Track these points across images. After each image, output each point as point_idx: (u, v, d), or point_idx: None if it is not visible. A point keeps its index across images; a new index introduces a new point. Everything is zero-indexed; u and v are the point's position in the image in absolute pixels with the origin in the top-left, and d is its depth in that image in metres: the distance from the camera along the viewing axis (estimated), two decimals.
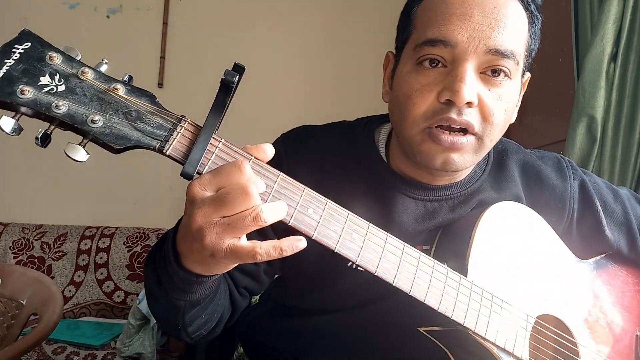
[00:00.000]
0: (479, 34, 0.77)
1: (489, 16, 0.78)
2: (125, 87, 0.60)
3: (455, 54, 0.78)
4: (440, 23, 0.79)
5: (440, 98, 0.79)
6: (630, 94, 1.78)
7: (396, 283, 0.73)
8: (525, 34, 0.83)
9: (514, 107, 0.86)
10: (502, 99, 0.81)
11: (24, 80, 0.56)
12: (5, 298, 1.67)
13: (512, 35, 0.79)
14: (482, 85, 0.80)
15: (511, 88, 0.82)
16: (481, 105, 0.80)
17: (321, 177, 0.91)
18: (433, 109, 0.80)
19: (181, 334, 0.84)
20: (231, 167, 0.59)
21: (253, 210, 0.59)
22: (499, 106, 0.81)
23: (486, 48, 0.77)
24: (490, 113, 0.80)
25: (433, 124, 0.80)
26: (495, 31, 0.78)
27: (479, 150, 0.83)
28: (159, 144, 0.60)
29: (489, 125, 0.81)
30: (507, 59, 0.79)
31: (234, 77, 0.60)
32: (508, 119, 0.85)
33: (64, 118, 0.56)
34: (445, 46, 0.78)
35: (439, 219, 0.93)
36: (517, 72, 0.82)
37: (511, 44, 0.79)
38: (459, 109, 0.78)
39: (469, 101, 0.77)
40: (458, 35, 0.78)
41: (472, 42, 0.77)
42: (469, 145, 0.81)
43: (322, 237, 0.67)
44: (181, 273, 0.69)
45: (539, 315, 0.89)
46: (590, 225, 1.02)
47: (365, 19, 3.34)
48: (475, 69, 0.79)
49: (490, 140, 0.83)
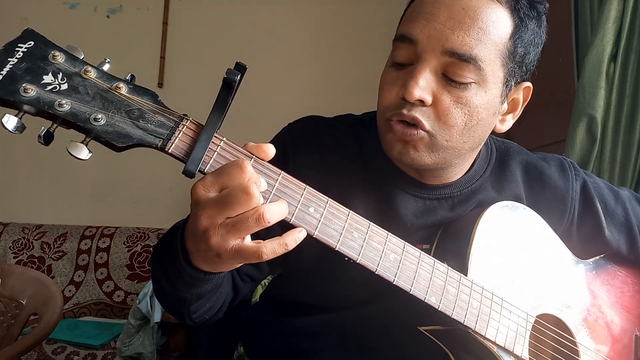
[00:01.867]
0: (439, 34, 0.77)
1: (454, 18, 0.77)
2: (128, 86, 0.61)
3: (417, 51, 0.80)
4: (409, 21, 0.81)
5: (399, 93, 0.81)
6: (630, 94, 1.78)
7: (397, 282, 0.73)
8: (503, 39, 0.79)
9: (485, 114, 0.83)
10: (463, 102, 0.80)
11: (27, 79, 0.56)
12: (5, 298, 1.67)
13: (475, 39, 0.77)
14: (441, 86, 0.80)
15: (478, 93, 0.80)
16: (436, 105, 0.80)
17: (325, 167, 0.92)
18: (393, 104, 0.82)
19: (185, 319, 0.86)
20: (233, 166, 0.59)
21: (256, 211, 0.59)
22: (456, 109, 0.80)
23: (443, 49, 0.77)
24: (444, 114, 0.80)
25: (391, 117, 0.82)
26: (455, 33, 0.77)
27: (435, 148, 0.83)
28: (161, 142, 0.60)
29: (443, 125, 0.80)
30: (465, 62, 0.77)
31: (235, 76, 0.60)
32: (474, 124, 0.82)
33: (66, 116, 0.56)
34: (409, 43, 0.80)
35: (438, 217, 0.93)
36: (489, 78, 0.80)
37: (472, 47, 0.77)
38: (411, 105, 0.79)
39: (419, 99, 0.78)
40: (420, 34, 0.79)
41: (431, 42, 0.78)
42: (419, 140, 0.81)
43: (323, 235, 0.67)
44: (189, 270, 0.70)
45: (538, 314, 0.89)
46: (590, 226, 1.02)
47: (365, 18, 3.34)
48: (433, 68, 0.79)
49: (445, 140, 0.82)
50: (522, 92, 0.90)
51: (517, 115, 0.92)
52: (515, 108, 0.91)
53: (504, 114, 0.90)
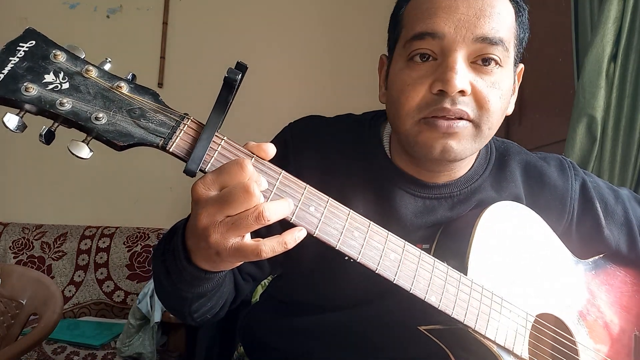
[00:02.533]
0: (466, 24, 0.78)
1: (474, 6, 0.79)
2: (129, 85, 0.61)
3: (443, 45, 0.79)
4: (427, 17, 0.81)
5: (433, 89, 0.80)
6: (630, 94, 1.78)
7: (397, 281, 0.73)
8: (513, 23, 0.83)
9: (509, 96, 0.86)
10: (496, 86, 0.81)
11: (28, 78, 0.56)
12: (5, 298, 1.67)
13: (498, 23, 0.80)
14: (474, 74, 0.81)
15: (504, 76, 0.83)
16: (475, 93, 0.80)
17: (325, 167, 0.93)
18: (426, 101, 0.81)
19: (187, 319, 0.86)
20: (233, 165, 0.60)
21: (255, 209, 0.60)
22: (493, 93, 0.81)
23: (474, 36, 0.79)
24: (485, 100, 0.80)
25: (428, 115, 0.81)
26: (482, 20, 0.79)
27: (477, 137, 0.83)
28: (162, 141, 0.60)
29: (486, 112, 0.81)
30: (496, 46, 0.80)
31: (236, 75, 0.61)
32: (504, 107, 0.85)
33: (68, 115, 0.57)
34: (434, 38, 0.80)
35: (437, 217, 0.93)
36: (509, 60, 0.83)
37: (499, 31, 0.80)
38: (452, 98, 0.79)
39: (462, 89, 0.78)
40: (445, 27, 0.79)
41: (460, 32, 0.78)
42: (465, 130, 0.81)
43: (323, 234, 0.67)
44: (190, 269, 0.70)
45: (538, 314, 0.89)
46: (589, 225, 1.02)
47: (364, 16, 3.34)
48: (465, 58, 0.80)
49: (488, 127, 0.83)
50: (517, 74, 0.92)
51: (516, 96, 0.94)
52: (515, 90, 0.93)
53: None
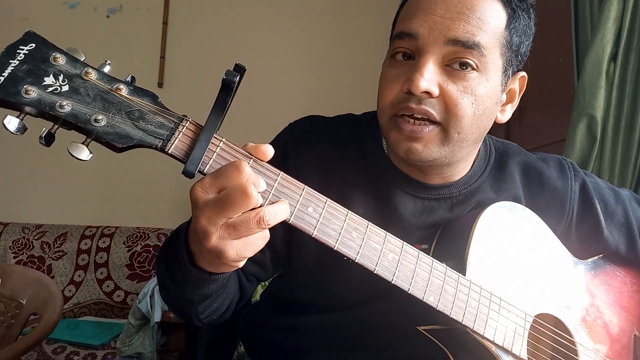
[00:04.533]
0: (439, 26, 0.79)
1: (452, 9, 0.79)
2: (128, 87, 0.61)
3: (418, 45, 0.80)
4: (407, 17, 0.83)
5: (403, 88, 0.81)
6: (630, 94, 1.78)
7: (395, 281, 0.73)
8: (499, 28, 0.82)
9: (489, 103, 0.84)
10: (469, 91, 0.81)
11: (28, 81, 0.56)
12: (5, 298, 1.67)
13: (476, 27, 0.79)
14: (446, 77, 0.80)
15: (481, 81, 0.81)
16: (443, 96, 0.80)
17: (325, 167, 0.93)
18: (397, 99, 0.82)
19: (193, 320, 0.87)
20: (231, 168, 0.60)
21: (257, 214, 0.60)
22: (464, 98, 0.80)
23: (446, 39, 0.79)
24: (453, 103, 0.80)
25: (397, 112, 0.82)
26: (457, 22, 0.79)
27: (446, 142, 0.83)
28: (161, 142, 0.61)
29: (453, 117, 0.81)
30: (470, 50, 0.79)
31: (235, 77, 0.61)
32: (480, 114, 0.83)
33: (67, 117, 0.57)
34: (410, 38, 0.81)
35: (436, 217, 0.93)
36: (489, 66, 0.82)
37: (474, 35, 0.79)
38: (419, 99, 0.79)
39: (426, 90, 0.78)
40: (420, 28, 0.80)
41: (433, 34, 0.79)
42: (431, 134, 0.82)
43: (322, 235, 0.68)
44: (194, 271, 0.71)
45: (537, 314, 0.89)
46: (589, 226, 1.02)
47: (365, 18, 3.34)
48: (436, 60, 0.80)
49: (457, 132, 0.82)
50: (518, 82, 0.92)
51: (515, 105, 0.94)
52: (513, 98, 0.93)
53: (503, 104, 0.91)
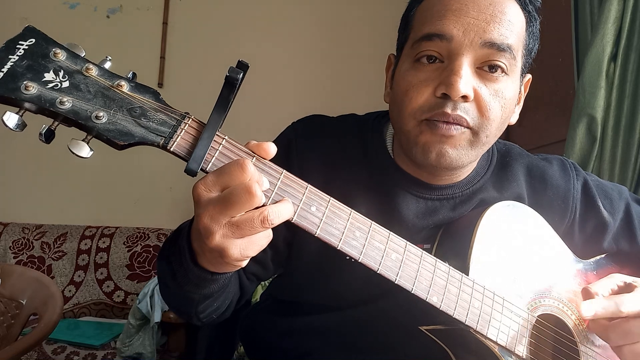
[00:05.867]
0: (475, 28, 0.78)
1: (485, 12, 0.78)
2: (129, 84, 0.60)
3: (451, 48, 0.79)
4: (436, 19, 0.80)
5: (437, 92, 0.79)
6: (630, 94, 1.78)
7: (398, 281, 0.73)
8: (523, 32, 0.83)
9: (512, 106, 0.85)
10: (499, 94, 0.81)
11: (28, 76, 0.56)
12: (5, 298, 1.67)
13: (508, 29, 0.79)
14: (479, 80, 0.80)
15: (509, 84, 0.82)
16: (477, 100, 0.80)
17: (328, 166, 0.93)
18: (429, 104, 0.80)
19: (193, 319, 0.86)
20: (234, 166, 0.59)
21: (261, 214, 0.60)
22: (495, 102, 0.80)
23: (482, 41, 0.78)
24: (486, 108, 0.80)
25: (430, 117, 0.80)
26: (491, 25, 0.78)
27: (475, 145, 0.83)
28: (163, 140, 0.60)
29: (485, 120, 0.80)
30: (503, 52, 0.79)
31: (238, 74, 0.60)
32: (506, 117, 0.84)
33: (68, 114, 0.56)
34: (442, 40, 0.79)
35: (439, 217, 0.93)
36: (515, 69, 0.82)
37: (507, 38, 0.79)
38: (454, 103, 0.78)
39: (464, 94, 0.77)
40: (453, 29, 0.78)
41: (468, 36, 0.78)
42: (462, 136, 0.81)
43: (325, 234, 0.67)
44: (196, 271, 0.70)
45: (539, 314, 0.89)
46: (593, 225, 1.02)
47: (367, 17, 3.34)
48: (471, 63, 0.79)
49: (486, 136, 0.82)
50: (524, 84, 0.92)
51: (521, 106, 0.93)
52: (520, 100, 0.92)
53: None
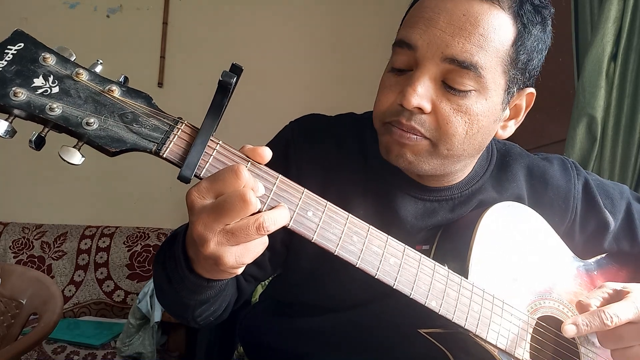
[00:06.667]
0: (439, 41, 0.75)
1: (454, 24, 0.75)
2: (121, 89, 0.59)
3: (415, 57, 0.78)
4: (409, 25, 0.80)
5: (397, 100, 0.79)
6: (630, 94, 1.78)
7: (397, 286, 0.72)
8: (504, 46, 0.78)
9: (486, 121, 0.81)
10: (463, 110, 0.78)
11: (17, 82, 0.55)
12: (5, 298, 1.67)
13: (476, 45, 0.75)
14: (440, 94, 0.78)
15: (478, 100, 0.78)
16: (436, 113, 0.78)
17: (326, 166, 0.92)
18: (390, 110, 0.81)
19: (190, 323, 0.86)
20: (228, 172, 0.58)
21: (256, 220, 0.59)
22: (457, 117, 0.78)
23: (443, 56, 0.75)
24: (445, 122, 0.78)
25: (390, 122, 0.81)
26: (456, 39, 0.75)
27: (436, 155, 0.81)
28: (156, 146, 0.59)
29: (444, 134, 0.79)
30: (466, 70, 0.75)
31: (231, 78, 0.59)
32: (474, 132, 0.81)
33: (58, 121, 0.55)
34: (409, 49, 0.78)
35: (438, 219, 0.93)
36: (488, 86, 0.78)
37: (473, 55, 0.75)
38: (410, 113, 0.78)
39: (417, 107, 0.76)
40: (419, 40, 0.77)
41: (431, 49, 0.76)
42: (419, 145, 0.80)
43: (322, 240, 0.66)
44: (192, 278, 0.69)
45: (539, 316, 0.89)
46: (594, 225, 1.02)
47: (366, 19, 3.33)
48: (432, 76, 0.77)
49: (447, 149, 0.80)
50: (525, 98, 0.88)
51: (520, 121, 0.91)
52: (518, 114, 0.89)
53: (506, 120, 0.88)
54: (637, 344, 0.82)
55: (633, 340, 0.82)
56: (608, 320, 0.80)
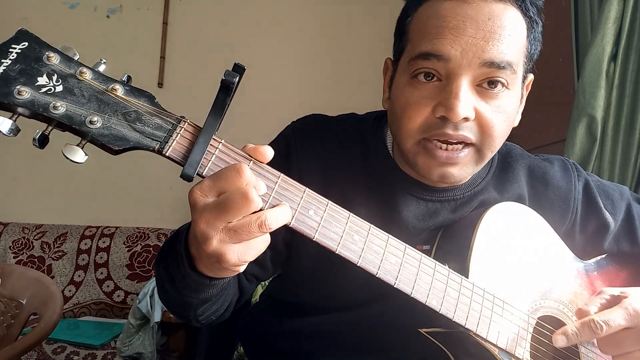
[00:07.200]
0: (473, 48, 0.75)
1: (483, 28, 0.76)
2: (124, 88, 0.60)
3: (449, 68, 0.77)
4: (433, 37, 0.78)
5: (436, 113, 0.78)
6: (630, 94, 1.78)
7: (397, 285, 0.72)
8: (524, 41, 0.81)
9: (514, 115, 0.84)
10: (501, 110, 0.79)
11: (21, 81, 0.55)
12: (5, 298, 1.67)
13: (508, 45, 0.77)
14: (479, 98, 0.78)
15: (510, 98, 0.81)
16: (479, 119, 0.78)
17: (328, 166, 0.92)
18: (428, 124, 0.79)
19: (191, 322, 0.86)
20: (230, 171, 0.59)
21: (258, 218, 0.59)
22: (498, 117, 0.79)
23: (481, 61, 0.76)
24: (489, 126, 0.79)
25: (429, 137, 0.79)
26: (490, 44, 0.75)
27: (479, 161, 0.83)
28: (158, 145, 0.59)
29: (489, 138, 0.80)
30: (503, 70, 0.77)
31: (234, 77, 0.59)
32: (509, 129, 0.84)
33: (62, 119, 0.56)
34: (439, 60, 0.77)
35: (439, 219, 0.92)
36: (516, 81, 0.81)
37: (507, 54, 0.77)
38: (455, 125, 0.77)
39: (465, 117, 0.76)
40: (451, 50, 0.76)
41: (466, 56, 0.75)
42: (466, 158, 0.80)
43: (323, 238, 0.67)
44: (194, 276, 0.70)
45: (540, 316, 0.89)
46: (594, 225, 1.02)
47: (366, 18, 3.34)
48: (470, 82, 0.77)
49: (490, 151, 0.82)
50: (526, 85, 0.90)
51: (523, 105, 0.92)
52: (522, 100, 0.91)
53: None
54: (636, 349, 0.82)
55: (632, 345, 0.82)
56: (597, 328, 0.80)
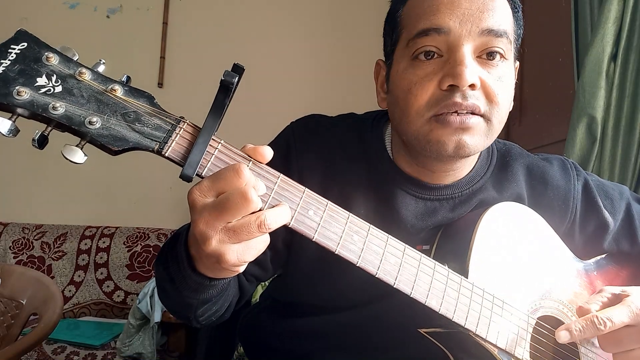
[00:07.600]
0: (470, 18, 0.78)
1: (476, 1, 0.79)
2: (123, 88, 0.60)
3: (450, 41, 0.79)
4: (429, 14, 0.80)
5: (442, 85, 0.78)
6: (630, 94, 1.77)
7: (397, 285, 0.72)
8: (511, 18, 0.84)
9: (512, 89, 0.86)
10: (502, 79, 0.81)
11: (20, 81, 0.55)
12: (5, 298, 1.67)
13: (501, 16, 0.80)
14: (481, 68, 0.80)
15: (507, 69, 0.83)
16: (484, 87, 0.79)
17: (327, 166, 0.92)
18: (436, 97, 0.79)
19: (192, 322, 0.86)
20: (230, 171, 0.59)
21: (257, 218, 0.59)
22: (501, 86, 0.81)
23: (479, 30, 0.78)
24: (494, 93, 0.80)
25: (438, 112, 0.79)
26: (485, 13, 0.79)
27: (489, 132, 0.83)
28: (158, 145, 0.59)
29: (495, 106, 0.81)
30: (501, 38, 0.80)
31: (233, 77, 0.60)
32: (510, 101, 0.85)
33: (61, 119, 0.56)
34: (439, 34, 0.79)
35: (438, 218, 0.93)
36: (511, 54, 0.83)
37: (502, 24, 0.80)
38: (463, 93, 0.77)
39: (472, 83, 0.77)
40: (450, 22, 0.78)
41: (465, 26, 0.78)
42: (478, 126, 0.80)
43: (322, 238, 0.67)
44: (194, 277, 0.70)
45: (540, 316, 0.89)
46: (594, 225, 1.02)
47: (366, 19, 3.33)
48: (472, 52, 0.79)
49: (498, 122, 0.83)
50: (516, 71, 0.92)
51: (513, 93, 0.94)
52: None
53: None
54: (637, 347, 0.83)
55: (633, 343, 0.82)
56: (601, 324, 0.80)
